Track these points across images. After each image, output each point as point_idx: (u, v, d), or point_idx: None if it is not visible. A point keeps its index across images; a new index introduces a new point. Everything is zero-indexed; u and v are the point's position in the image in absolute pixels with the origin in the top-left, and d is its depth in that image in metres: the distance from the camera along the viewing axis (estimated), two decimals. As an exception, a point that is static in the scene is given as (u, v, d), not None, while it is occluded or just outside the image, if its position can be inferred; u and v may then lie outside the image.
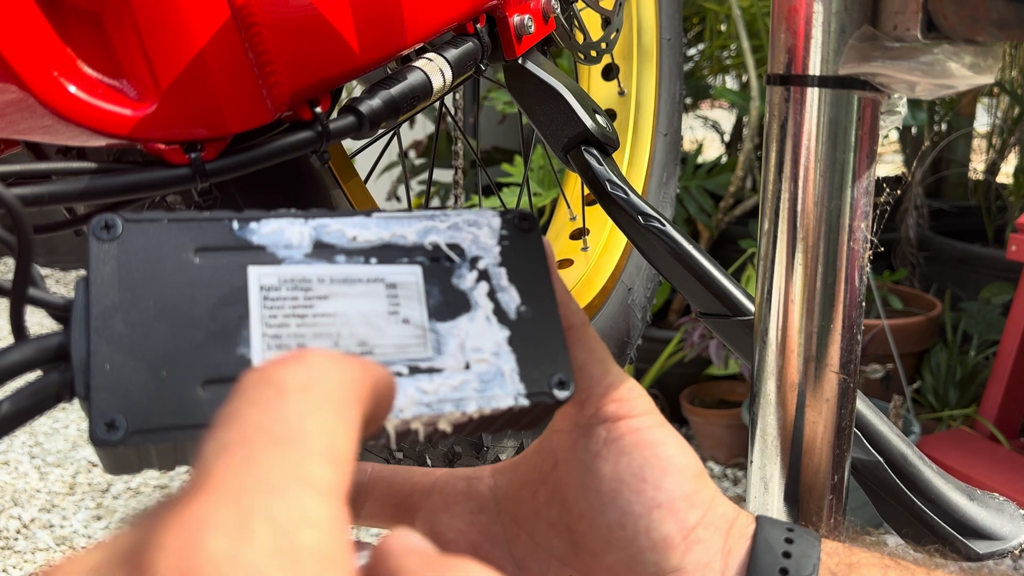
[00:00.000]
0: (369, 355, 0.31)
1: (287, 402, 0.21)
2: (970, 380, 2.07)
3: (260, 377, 0.22)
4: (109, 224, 0.30)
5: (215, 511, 0.18)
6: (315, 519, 0.19)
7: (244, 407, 0.21)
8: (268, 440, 0.20)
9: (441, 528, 0.38)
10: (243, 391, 0.22)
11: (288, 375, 0.22)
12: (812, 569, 0.33)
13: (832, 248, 0.42)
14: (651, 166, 0.86)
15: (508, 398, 0.32)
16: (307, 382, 0.22)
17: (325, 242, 0.32)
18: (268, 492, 0.19)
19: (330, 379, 0.22)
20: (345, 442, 0.21)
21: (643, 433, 0.34)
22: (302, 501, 0.19)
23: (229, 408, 0.21)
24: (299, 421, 0.21)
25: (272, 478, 0.19)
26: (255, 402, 0.21)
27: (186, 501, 0.18)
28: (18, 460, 2.06)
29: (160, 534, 0.17)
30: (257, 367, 0.23)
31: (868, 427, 0.47)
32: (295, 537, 0.18)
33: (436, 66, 0.46)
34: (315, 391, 0.22)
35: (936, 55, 0.38)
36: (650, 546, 0.33)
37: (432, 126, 2.73)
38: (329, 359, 0.23)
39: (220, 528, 0.18)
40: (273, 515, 0.18)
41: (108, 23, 0.35)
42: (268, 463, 0.19)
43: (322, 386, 0.22)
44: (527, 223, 0.35)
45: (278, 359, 0.23)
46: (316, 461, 0.20)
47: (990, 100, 2.82)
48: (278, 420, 0.20)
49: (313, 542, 0.18)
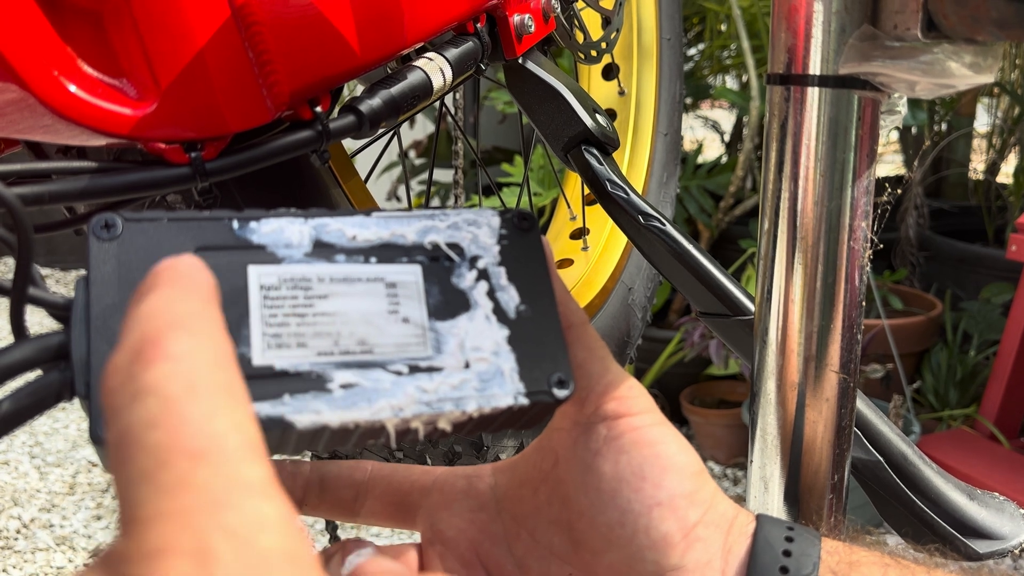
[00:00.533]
0: (369, 354, 0.31)
1: (182, 412, 0.20)
2: (970, 380, 2.07)
3: (132, 387, 0.21)
4: (109, 223, 0.30)
5: (170, 537, 0.18)
6: (267, 520, 0.19)
7: (137, 431, 0.20)
8: (187, 457, 0.20)
9: (441, 526, 0.37)
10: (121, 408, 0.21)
11: (162, 377, 0.21)
12: (812, 568, 0.33)
13: (832, 248, 0.42)
14: (651, 166, 0.86)
15: (508, 397, 0.32)
16: (187, 381, 0.21)
17: (325, 241, 0.32)
18: (214, 507, 0.19)
19: (204, 363, 0.22)
20: (251, 427, 0.21)
21: (643, 431, 0.34)
22: (248, 506, 0.19)
23: (119, 432, 0.20)
24: (206, 428, 0.20)
25: (211, 493, 0.19)
26: (146, 422, 0.20)
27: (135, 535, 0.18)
28: (18, 460, 2.06)
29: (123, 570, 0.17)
30: (114, 368, 0.22)
31: (868, 427, 0.47)
32: (255, 543, 0.18)
33: (436, 65, 0.46)
34: (200, 388, 0.21)
35: (936, 54, 0.38)
36: (650, 544, 0.33)
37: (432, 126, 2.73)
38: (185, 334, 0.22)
39: (182, 552, 0.18)
40: (227, 528, 0.18)
41: (108, 22, 0.35)
42: (200, 479, 0.19)
43: (203, 379, 0.21)
44: (526, 222, 0.35)
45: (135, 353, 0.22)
46: (242, 462, 0.20)
47: (990, 100, 2.82)
48: (185, 434, 0.20)
49: (273, 543, 0.18)
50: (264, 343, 0.30)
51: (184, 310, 0.23)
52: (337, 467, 0.39)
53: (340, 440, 0.31)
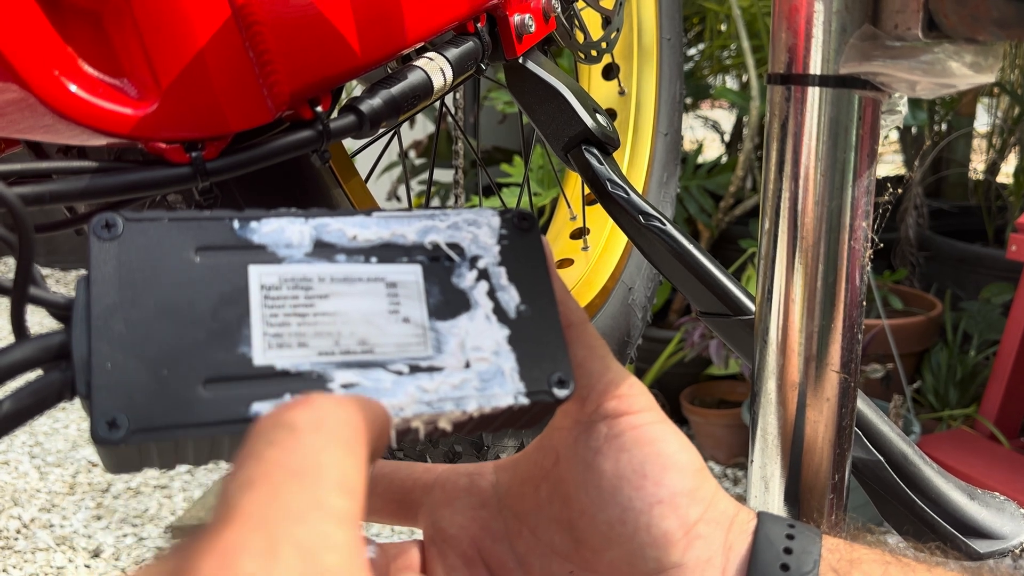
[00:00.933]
0: (369, 354, 0.31)
1: (302, 440, 0.23)
2: (970, 380, 2.07)
3: (273, 420, 0.24)
4: (110, 223, 0.30)
5: (245, 537, 0.20)
6: (335, 543, 0.20)
7: (261, 446, 0.23)
8: (288, 474, 0.22)
9: (443, 524, 0.38)
10: (259, 433, 0.23)
11: (300, 417, 0.24)
12: (813, 565, 0.33)
13: (833, 247, 0.42)
14: (651, 166, 0.86)
15: (508, 397, 0.32)
16: (318, 422, 0.24)
17: (325, 241, 0.32)
18: (292, 520, 0.20)
19: (338, 419, 0.24)
20: (355, 474, 0.23)
21: (644, 429, 0.34)
22: (323, 527, 0.21)
23: (248, 449, 0.23)
24: (314, 456, 0.23)
25: (295, 507, 0.21)
26: (272, 442, 0.23)
27: (217, 531, 0.20)
28: (18, 460, 2.06)
29: (195, 560, 0.19)
30: (269, 412, 0.25)
31: (869, 426, 0.47)
32: (319, 559, 0.20)
33: (437, 65, 0.46)
34: (326, 430, 0.24)
35: (937, 54, 0.38)
36: (651, 542, 0.33)
37: (432, 126, 2.73)
38: (334, 401, 0.25)
39: (251, 552, 0.19)
40: (298, 540, 0.20)
41: (109, 22, 0.35)
42: (290, 494, 0.21)
43: (331, 425, 0.24)
44: (526, 222, 0.35)
45: (289, 404, 0.25)
46: (332, 491, 0.22)
47: (990, 100, 2.82)
48: (295, 456, 0.22)
49: (335, 563, 0.20)
50: (265, 343, 0.30)
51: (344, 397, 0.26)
52: None
53: None
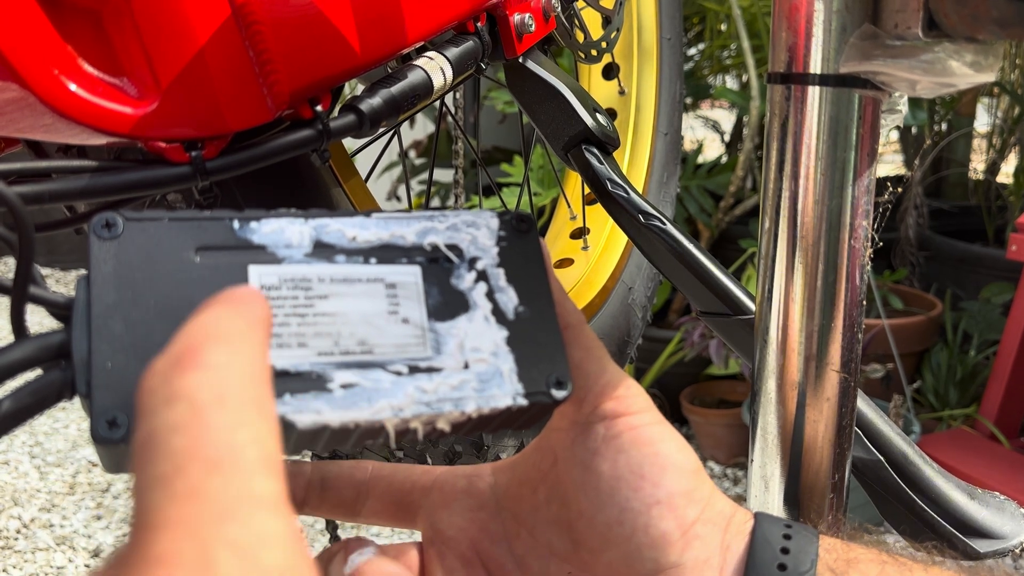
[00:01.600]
0: (369, 354, 0.31)
1: (208, 421, 0.21)
2: (970, 380, 2.07)
3: (166, 391, 0.21)
4: (110, 223, 0.30)
5: (175, 546, 0.18)
6: (272, 536, 0.19)
7: (164, 434, 0.21)
8: (204, 466, 0.20)
9: (441, 526, 0.38)
10: (153, 410, 0.21)
11: (195, 385, 0.21)
12: (810, 565, 0.33)
13: (833, 247, 0.42)
14: (651, 165, 0.86)
15: (506, 398, 0.32)
16: (219, 391, 0.21)
17: (325, 242, 0.32)
18: (221, 519, 0.19)
19: (238, 377, 0.22)
20: (272, 442, 0.21)
21: (641, 430, 0.34)
22: (255, 521, 0.19)
23: (147, 434, 0.21)
24: (228, 438, 0.21)
25: (221, 504, 0.19)
26: (174, 426, 0.21)
27: (142, 541, 0.18)
28: (18, 460, 2.06)
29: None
30: (153, 373, 0.22)
31: (869, 426, 0.47)
32: (258, 559, 0.18)
33: (437, 65, 0.46)
34: (231, 400, 0.21)
35: (937, 53, 0.38)
36: (648, 543, 0.33)
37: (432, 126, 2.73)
38: (224, 347, 0.23)
39: (185, 563, 0.18)
40: (232, 540, 0.18)
41: (108, 21, 0.35)
42: (212, 489, 0.19)
43: (234, 390, 0.22)
44: (525, 224, 0.36)
45: (173, 360, 0.22)
46: (255, 476, 0.20)
47: (990, 100, 2.82)
48: (207, 443, 0.20)
49: (275, 559, 0.19)
50: (265, 342, 0.30)
51: (229, 327, 0.24)
52: (338, 467, 0.39)
53: (340, 440, 0.31)
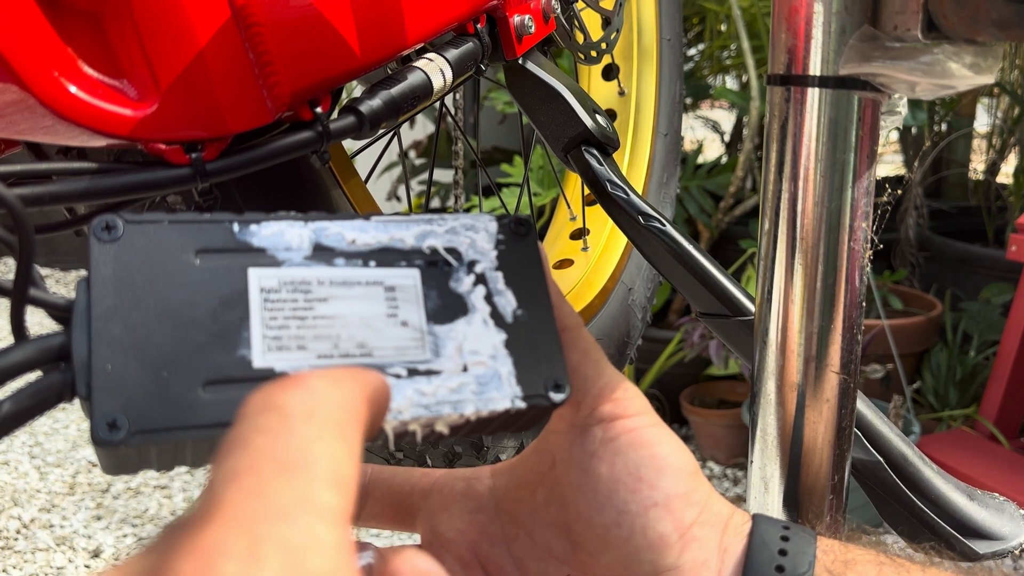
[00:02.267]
0: (368, 357, 0.31)
1: (292, 429, 0.22)
2: (970, 380, 2.07)
3: (263, 402, 0.22)
4: (110, 225, 0.30)
5: (227, 537, 0.18)
6: (322, 544, 0.19)
7: (250, 434, 0.21)
8: (276, 467, 0.21)
9: (441, 528, 0.38)
10: (248, 416, 0.22)
11: (291, 400, 0.22)
12: (808, 566, 0.33)
13: (832, 248, 0.42)
14: (651, 166, 0.86)
15: (505, 400, 0.32)
16: (310, 408, 0.22)
17: (324, 245, 0.32)
18: (277, 518, 0.19)
19: (331, 402, 0.23)
20: (348, 466, 0.22)
21: (639, 433, 0.34)
22: (310, 527, 0.19)
23: (235, 434, 0.22)
24: (305, 447, 0.21)
25: (281, 504, 0.20)
26: (261, 429, 0.22)
27: (198, 527, 0.19)
28: (18, 460, 2.06)
29: (174, 560, 0.18)
30: (259, 390, 0.23)
31: (868, 427, 0.47)
32: (304, 561, 0.19)
33: (436, 66, 0.46)
34: (318, 417, 0.22)
35: (936, 55, 0.38)
36: (646, 545, 0.33)
37: (432, 126, 2.73)
38: (328, 380, 0.24)
39: (232, 554, 0.18)
40: (283, 540, 0.19)
41: (108, 23, 0.35)
42: (277, 490, 0.20)
43: (324, 411, 0.23)
44: (523, 228, 0.36)
45: (279, 383, 0.23)
46: (322, 487, 0.21)
47: (990, 100, 2.82)
48: (285, 447, 0.21)
49: (320, 566, 0.19)
50: (265, 345, 0.30)
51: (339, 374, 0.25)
52: None
53: None
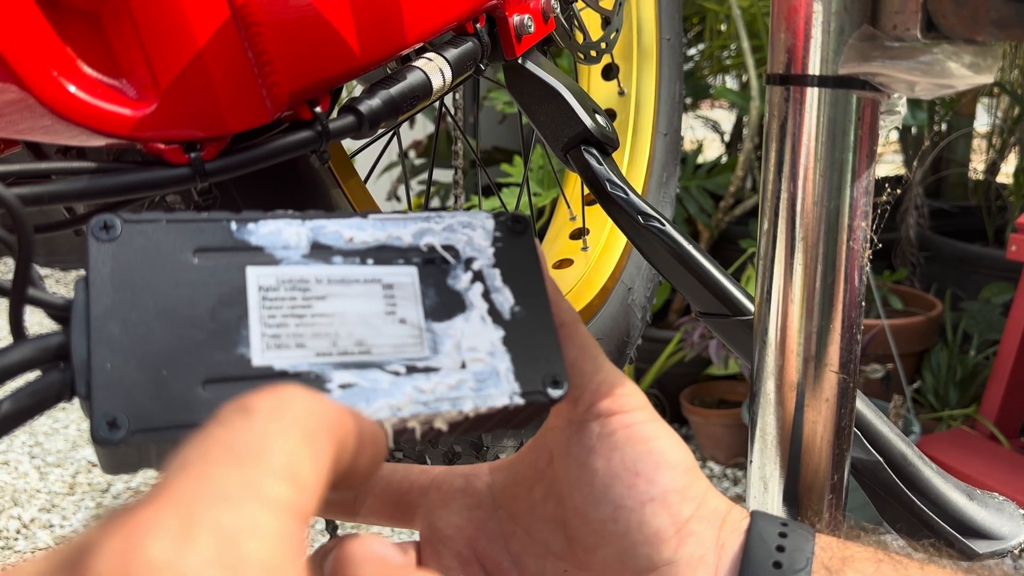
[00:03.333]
0: (366, 354, 0.31)
1: (253, 424, 0.21)
2: (970, 380, 2.07)
3: (234, 404, 0.22)
4: (108, 224, 0.30)
5: (160, 517, 0.18)
6: (263, 531, 0.19)
7: (212, 427, 0.21)
8: (227, 455, 0.20)
9: (439, 524, 0.38)
10: (216, 417, 0.22)
11: (260, 403, 0.22)
12: (805, 563, 0.33)
13: (832, 248, 0.42)
14: (651, 166, 0.86)
15: (503, 397, 0.32)
16: (277, 409, 0.22)
17: (322, 243, 0.32)
18: (218, 502, 0.19)
19: (301, 409, 0.22)
20: (309, 467, 0.21)
21: (636, 428, 0.34)
22: (252, 513, 0.19)
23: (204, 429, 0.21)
24: (261, 440, 0.21)
25: (225, 490, 0.19)
26: (224, 423, 0.21)
27: (137, 509, 0.18)
28: (18, 460, 2.06)
29: (103, 538, 0.18)
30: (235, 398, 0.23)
31: (868, 427, 0.47)
32: (239, 546, 0.18)
33: (436, 66, 0.46)
34: (283, 417, 0.22)
35: (936, 55, 0.38)
36: (643, 539, 0.33)
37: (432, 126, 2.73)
38: (306, 394, 0.23)
39: (162, 533, 0.18)
40: (219, 524, 0.18)
41: (108, 23, 0.35)
42: (223, 476, 0.19)
43: (291, 413, 0.22)
44: (520, 225, 0.36)
45: (257, 390, 0.23)
46: (273, 478, 0.20)
47: (990, 100, 2.82)
48: (243, 439, 0.21)
49: (257, 552, 0.18)
50: (263, 344, 0.30)
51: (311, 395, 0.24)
52: None
53: None
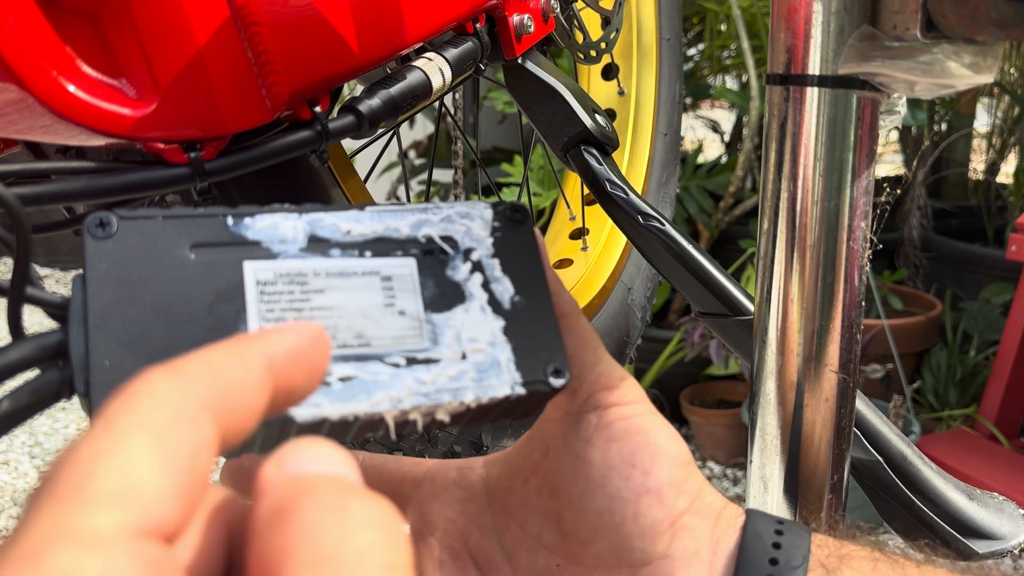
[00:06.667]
0: (366, 347, 0.31)
1: (90, 441, 0.19)
2: (970, 380, 2.07)
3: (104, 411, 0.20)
4: (104, 222, 0.30)
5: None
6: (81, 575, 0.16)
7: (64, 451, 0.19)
8: (50, 494, 0.18)
9: (432, 517, 0.38)
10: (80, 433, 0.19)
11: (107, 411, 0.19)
12: (802, 560, 0.33)
13: (831, 247, 0.42)
14: (651, 166, 0.86)
15: (505, 387, 0.32)
16: (120, 415, 0.19)
17: (319, 236, 0.32)
18: (35, 558, 0.17)
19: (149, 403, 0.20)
20: (150, 472, 0.18)
21: (633, 420, 0.34)
22: (63, 560, 0.16)
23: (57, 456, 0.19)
24: (89, 465, 0.18)
25: (42, 540, 0.17)
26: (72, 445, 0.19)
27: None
28: (18, 460, 2.05)
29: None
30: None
31: (868, 427, 0.47)
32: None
33: (436, 65, 0.46)
34: (123, 424, 0.19)
35: (935, 54, 0.38)
36: (638, 532, 0.33)
37: (432, 126, 2.73)
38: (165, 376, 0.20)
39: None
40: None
41: (107, 22, 0.35)
42: (45, 521, 0.17)
43: (136, 417, 0.19)
44: (519, 215, 0.36)
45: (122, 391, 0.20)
46: (94, 509, 0.17)
47: (990, 100, 2.82)
48: (67, 466, 0.18)
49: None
50: (262, 342, 0.30)
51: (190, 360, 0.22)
52: None
53: (340, 433, 0.31)
